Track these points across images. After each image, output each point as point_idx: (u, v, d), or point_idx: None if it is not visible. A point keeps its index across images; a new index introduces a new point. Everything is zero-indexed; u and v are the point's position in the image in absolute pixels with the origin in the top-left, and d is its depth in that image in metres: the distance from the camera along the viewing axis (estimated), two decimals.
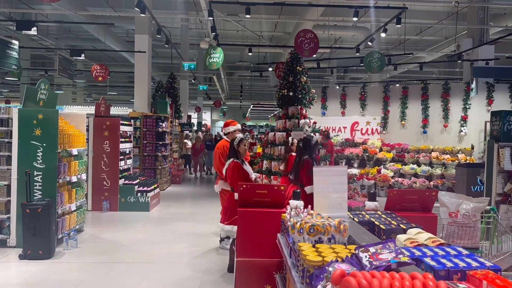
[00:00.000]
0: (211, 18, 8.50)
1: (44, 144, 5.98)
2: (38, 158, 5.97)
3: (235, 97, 35.17)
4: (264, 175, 9.09)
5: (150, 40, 12.41)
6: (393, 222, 2.75)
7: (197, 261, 5.75)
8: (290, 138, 6.91)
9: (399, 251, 1.83)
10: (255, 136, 20.68)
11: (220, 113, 38.31)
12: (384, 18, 11.73)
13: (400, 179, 10.75)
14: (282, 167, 7.56)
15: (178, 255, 6.00)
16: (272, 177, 8.92)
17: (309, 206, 2.86)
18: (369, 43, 10.05)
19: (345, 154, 11.52)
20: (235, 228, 4.83)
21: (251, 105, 29.71)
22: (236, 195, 4.82)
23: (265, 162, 9.31)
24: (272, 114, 34.97)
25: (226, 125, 6.70)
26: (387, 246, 1.88)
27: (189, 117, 22.42)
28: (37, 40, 19.80)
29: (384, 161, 11.44)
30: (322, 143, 11.42)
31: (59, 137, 6.08)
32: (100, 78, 11.86)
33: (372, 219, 2.83)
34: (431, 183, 10.46)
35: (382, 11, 11.55)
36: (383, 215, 2.95)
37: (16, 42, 8.37)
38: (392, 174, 10.88)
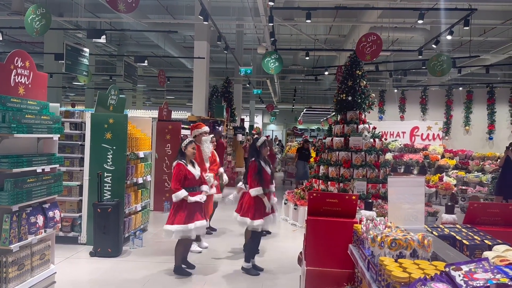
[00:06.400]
0: (271, 24, 8.57)
1: (114, 147, 6.30)
2: (108, 160, 6.29)
3: (286, 100, 35.08)
4: (321, 181, 9.00)
5: (209, 46, 12.70)
6: (476, 237, 2.63)
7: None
8: None
9: (495, 270, 1.74)
10: (308, 140, 20.51)
11: (271, 116, 38.37)
12: (447, 19, 11.23)
13: (463, 187, 10.24)
14: None
15: (234, 254, 6.08)
16: (329, 182, 8.80)
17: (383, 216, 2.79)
18: (433, 45, 9.66)
19: (404, 160, 11.14)
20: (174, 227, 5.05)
21: (304, 109, 29.52)
22: (173, 197, 5.09)
23: (321, 167, 9.21)
24: (325, 118, 34.52)
25: (193, 127, 6.68)
26: (481, 265, 1.80)
27: (242, 120, 22.68)
28: (101, 47, 20.89)
29: (446, 168, 10.95)
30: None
31: (127, 140, 6.37)
32: (161, 83, 12.33)
33: (452, 233, 2.71)
34: None
35: (444, 12, 11.07)
36: (463, 229, 2.82)
37: (87, 50, 8.86)
38: (455, 182, 10.37)
